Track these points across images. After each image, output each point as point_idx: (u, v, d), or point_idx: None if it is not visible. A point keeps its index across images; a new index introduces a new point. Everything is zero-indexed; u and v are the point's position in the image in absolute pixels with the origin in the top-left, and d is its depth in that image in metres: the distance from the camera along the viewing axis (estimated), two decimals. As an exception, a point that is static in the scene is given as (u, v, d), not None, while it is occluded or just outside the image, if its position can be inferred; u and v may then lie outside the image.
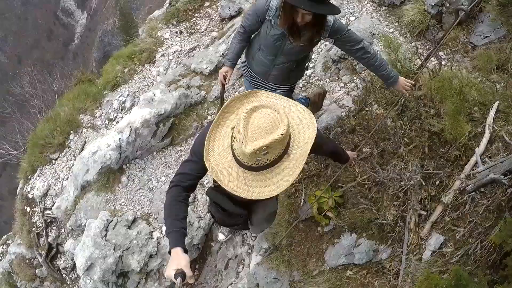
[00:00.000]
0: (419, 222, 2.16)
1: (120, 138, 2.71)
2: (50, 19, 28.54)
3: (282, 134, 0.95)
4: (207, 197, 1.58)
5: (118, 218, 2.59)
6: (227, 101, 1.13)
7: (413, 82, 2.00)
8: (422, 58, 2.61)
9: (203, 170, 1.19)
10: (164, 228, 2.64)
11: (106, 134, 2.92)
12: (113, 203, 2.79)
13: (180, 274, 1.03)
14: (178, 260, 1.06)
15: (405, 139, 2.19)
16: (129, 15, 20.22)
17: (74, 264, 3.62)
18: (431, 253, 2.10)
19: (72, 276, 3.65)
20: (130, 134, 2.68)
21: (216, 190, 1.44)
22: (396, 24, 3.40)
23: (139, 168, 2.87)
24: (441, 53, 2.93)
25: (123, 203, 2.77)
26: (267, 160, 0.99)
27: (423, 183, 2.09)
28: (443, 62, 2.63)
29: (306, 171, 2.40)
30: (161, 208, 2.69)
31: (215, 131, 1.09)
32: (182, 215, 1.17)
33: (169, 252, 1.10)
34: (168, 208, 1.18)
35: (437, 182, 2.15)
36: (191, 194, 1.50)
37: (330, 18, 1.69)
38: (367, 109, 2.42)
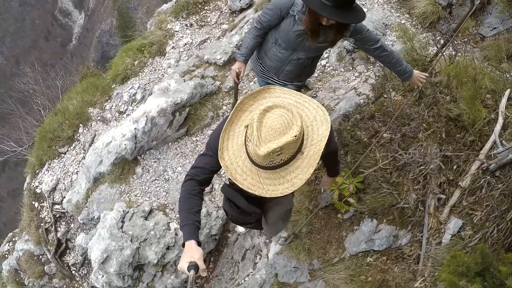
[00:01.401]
0: (438, 206, 2.19)
1: (135, 128, 2.67)
2: (47, 19, 28.36)
3: (295, 136, 0.96)
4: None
5: (134, 209, 2.55)
6: (240, 98, 1.14)
7: (427, 75, 2.01)
8: (438, 45, 2.62)
9: (218, 165, 1.20)
10: (178, 214, 2.59)
11: (120, 124, 2.88)
12: (128, 194, 2.75)
13: (193, 266, 1.03)
14: (192, 253, 1.07)
15: (424, 124, 2.21)
16: (127, 15, 20.16)
17: (84, 260, 3.57)
18: (451, 237, 2.12)
19: (82, 273, 3.59)
20: (146, 124, 2.64)
21: (231, 187, 1.46)
22: (407, 15, 3.42)
23: (154, 158, 2.83)
24: (455, 42, 2.95)
25: (138, 195, 2.73)
26: (281, 160, 1.00)
27: (443, 166, 2.11)
28: (453, 53, 2.66)
29: (326, 158, 2.38)
30: (178, 199, 2.64)
31: (229, 129, 1.10)
32: (196, 208, 1.18)
33: (183, 245, 1.12)
34: (183, 202, 1.20)
35: (455, 167, 2.18)
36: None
37: None
38: (385, 96, 2.43)
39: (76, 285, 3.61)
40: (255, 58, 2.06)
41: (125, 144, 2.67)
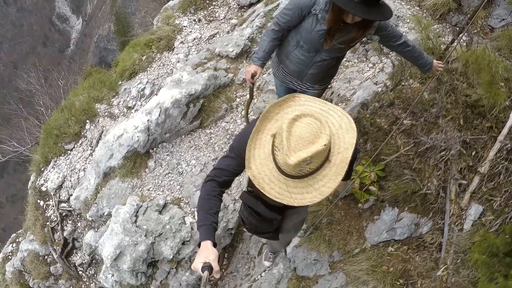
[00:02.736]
0: (459, 192, 2.18)
1: (148, 120, 2.61)
2: (45, 25, 28.33)
3: (325, 145, 0.96)
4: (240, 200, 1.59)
5: (148, 203, 2.47)
6: (266, 107, 1.14)
7: (443, 63, 2.00)
8: (454, 33, 2.62)
9: (240, 168, 1.22)
10: (196, 213, 2.53)
11: (132, 117, 2.81)
12: (140, 189, 2.67)
13: (207, 267, 1.03)
14: (207, 254, 1.07)
15: (443, 111, 2.20)
16: (125, 19, 20.19)
17: (91, 260, 3.47)
18: (472, 223, 2.10)
19: (89, 273, 3.48)
20: (159, 115, 2.58)
21: (250, 194, 1.45)
22: (418, 8, 3.43)
23: (167, 152, 2.76)
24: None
25: (151, 189, 2.65)
26: (310, 168, 1.00)
27: (463, 151, 2.10)
28: (468, 41, 2.67)
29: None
30: (193, 192, 2.58)
31: (255, 138, 1.10)
32: (215, 209, 1.19)
33: (199, 245, 1.12)
34: (202, 201, 1.21)
35: (473, 153, 2.17)
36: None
37: None
38: (403, 83, 2.41)
39: (83, 286, 3.50)
40: (276, 62, 1.97)
41: (137, 136, 2.60)
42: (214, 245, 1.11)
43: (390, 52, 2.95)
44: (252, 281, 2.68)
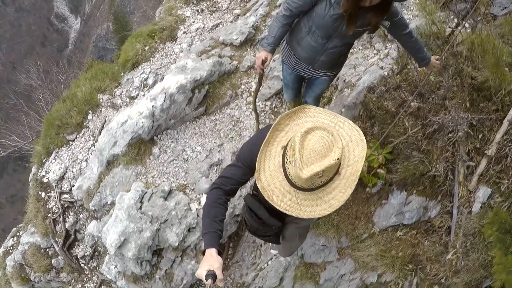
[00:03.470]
0: (467, 174, 2.17)
1: (153, 105, 2.58)
2: (43, 25, 28.24)
3: (337, 159, 0.97)
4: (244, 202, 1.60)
5: (153, 189, 2.44)
6: (276, 119, 1.14)
7: (439, 57, 2.00)
8: (460, 17, 2.61)
9: (245, 177, 1.23)
10: (202, 200, 2.49)
11: (136, 103, 2.78)
12: (145, 176, 2.64)
13: (211, 275, 1.04)
14: (211, 262, 1.07)
15: (450, 92, 2.19)
16: (123, 18, 20.13)
17: (94, 252, 3.42)
18: (480, 206, 2.11)
19: (91, 266, 3.44)
20: (164, 100, 2.55)
21: (254, 197, 1.46)
22: (421, -4, 3.42)
23: (171, 138, 2.73)
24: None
25: (155, 176, 2.62)
26: (321, 182, 1.01)
27: (471, 132, 2.10)
28: (472, 25, 2.68)
29: (352, 132, 2.34)
30: (199, 178, 2.55)
31: (265, 150, 1.11)
32: (220, 217, 1.20)
33: (203, 253, 1.12)
34: (208, 209, 1.21)
35: (480, 136, 2.16)
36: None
37: None
38: (409, 67, 2.41)
39: (85, 279, 3.45)
40: (287, 50, 1.95)
41: (142, 122, 2.57)
42: (219, 253, 1.11)
43: (395, 39, 2.95)
44: (258, 270, 2.65)
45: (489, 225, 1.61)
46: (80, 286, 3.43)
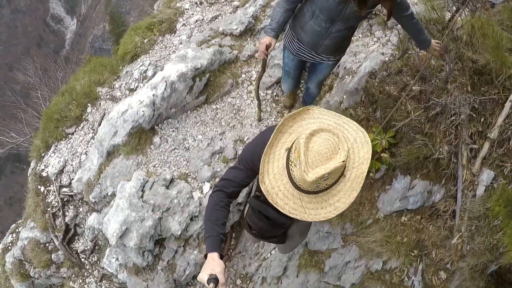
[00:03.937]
0: (471, 158, 2.16)
1: (154, 94, 2.55)
2: (39, 26, 28.10)
3: (343, 161, 0.95)
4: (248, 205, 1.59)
5: (155, 178, 2.41)
6: (280, 121, 1.12)
7: (439, 42, 2.01)
8: (460, 1, 2.61)
9: (247, 179, 1.22)
10: (204, 188, 2.47)
11: (136, 93, 2.75)
12: (146, 165, 2.61)
13: (213, 280, 1.03)
14: (213, 266, 1.07)
15: (451, 74, 2.19)
16: (119, 19, 20.05)
17: (94, 246, 3.38)
18: (484, 189, 2.09)
19: (92, 260, 3.40)
20: (165, 89, 2.52)
21: (258, 199, 1.45)
22: (420, -15, 3.43)
23: (172, 128, 2.70)
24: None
25: (156, 165, 2.59)
26: (326, 184, 1.00)
27: (473, 115, 2.09)
28: (468, 13, 2.68)
29: (354, 117, 2.32)
30: (200, 167, 2.52)
31: (269, 152, 1.09)
32: (222, 220, 1.19)
33: (205, 257, 1.12)
34: (209, 212, 1.20)
35: (482, 119, 2.16)
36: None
37: None
38: (410, 52, 2.40)
39: (85, 274, 3.41)
40: (290, 35, 1.93)
41: (143, 111, 2.54)
42: (221, 257, 1.10)
43: (395, 26, 2.94)
44: (262, 259, 2.62)
45: (496, 202, 1.60)
46: (80, 281, 3.39)
